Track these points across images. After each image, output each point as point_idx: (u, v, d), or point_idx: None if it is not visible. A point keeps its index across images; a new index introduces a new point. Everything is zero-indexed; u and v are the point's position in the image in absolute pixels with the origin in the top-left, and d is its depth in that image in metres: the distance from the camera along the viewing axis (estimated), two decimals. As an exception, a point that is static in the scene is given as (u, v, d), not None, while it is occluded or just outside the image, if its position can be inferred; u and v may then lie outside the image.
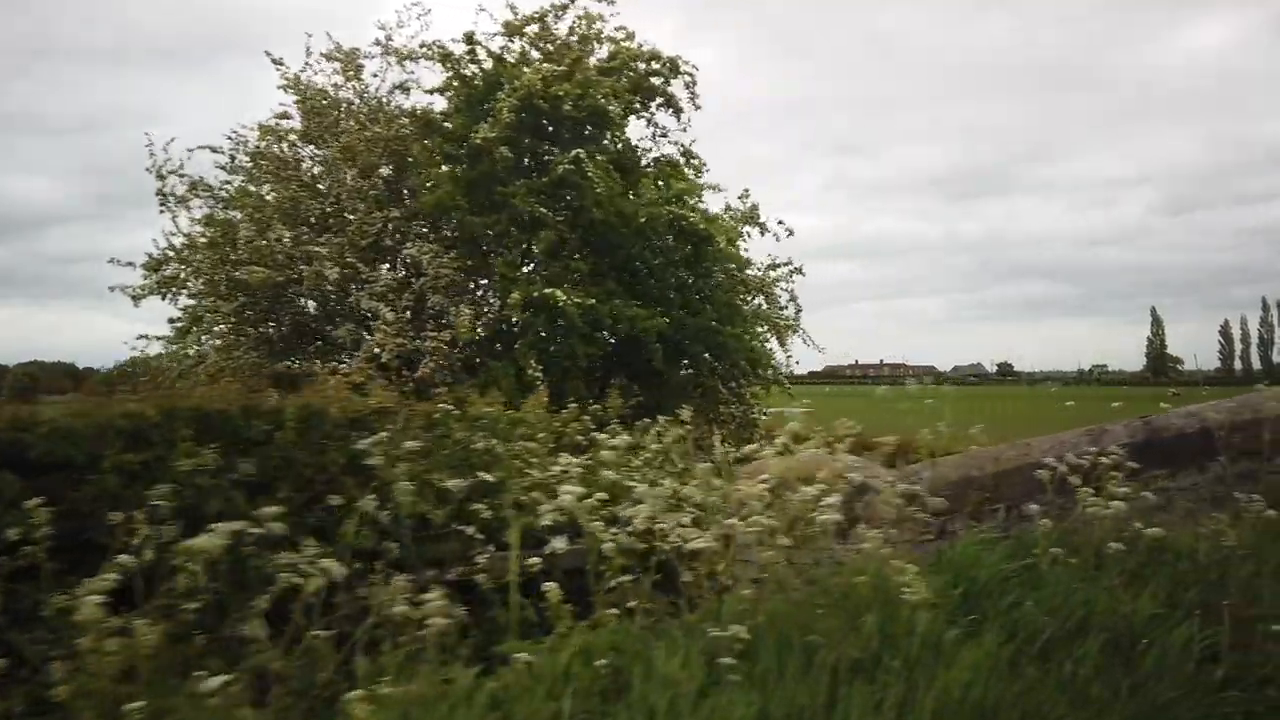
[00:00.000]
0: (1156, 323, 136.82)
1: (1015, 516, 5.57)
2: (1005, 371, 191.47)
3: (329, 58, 11.73)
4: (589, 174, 9.83)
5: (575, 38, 11.04)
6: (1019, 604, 4.46)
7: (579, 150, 9.89)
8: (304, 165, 11.09)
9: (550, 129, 10.65)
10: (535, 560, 3.66)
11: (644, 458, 5.19)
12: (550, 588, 3.42)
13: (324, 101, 11.10)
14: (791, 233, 13.64)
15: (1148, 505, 5.87)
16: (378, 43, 11.58)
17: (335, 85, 11.78)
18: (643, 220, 9.84)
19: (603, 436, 5.13)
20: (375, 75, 11.81)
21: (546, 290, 9.44)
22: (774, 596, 3.73)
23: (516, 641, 3.27)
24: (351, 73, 11.72)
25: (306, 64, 11.30)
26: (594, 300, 9.53)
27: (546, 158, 10.54)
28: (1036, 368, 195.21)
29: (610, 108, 10.37)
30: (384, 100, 11.90)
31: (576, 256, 10.30)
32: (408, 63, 11.51)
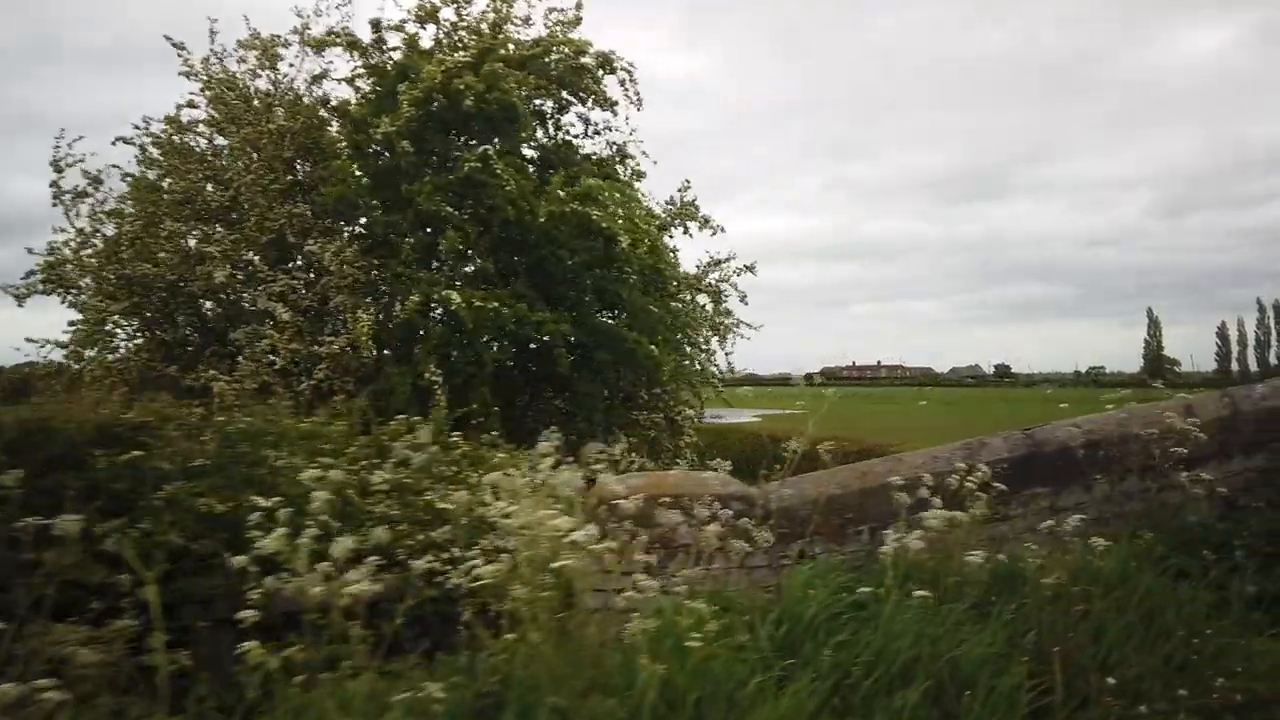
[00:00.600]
0: (1154, 324, 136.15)
1: (880, 539, 5.08)
2: (1003, 373, 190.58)
3: (246, 46, 11.24)
4: (498, 172, 9.33)
5: (487, 25, 10.53)
6: (847, 644, 3.98)
7: (487, 147, 9.39)
8: (211, 157, 10.59)
9: (459, 123, 10.14)
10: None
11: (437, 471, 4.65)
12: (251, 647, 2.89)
13: (230, 90, 10.60)
14: (723, 229, 13.17)
15: (1016, 529, 5.40)
16: (295, 30, 11.09)
17: (252, 74, 11.30)
18: (542, 220, 9.32)
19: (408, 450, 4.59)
20: (292, 65, 11.31)
21: (444, 292, 8.94)
22: (523, 648, 3.23)
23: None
24: (268, 62, 11.23)
25: (211, 51, 10.80)
26: (495, 303, 9.02)
27: (456, 153, 10.04)
28: (1035, 369, 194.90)
29: (518, 102, 9.85)
30: (302, 91, 11.43)
31: (484, 258, 9.79)
32: (326, 52, 11.01)
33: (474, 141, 10.14)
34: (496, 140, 10.18)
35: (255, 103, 10.73)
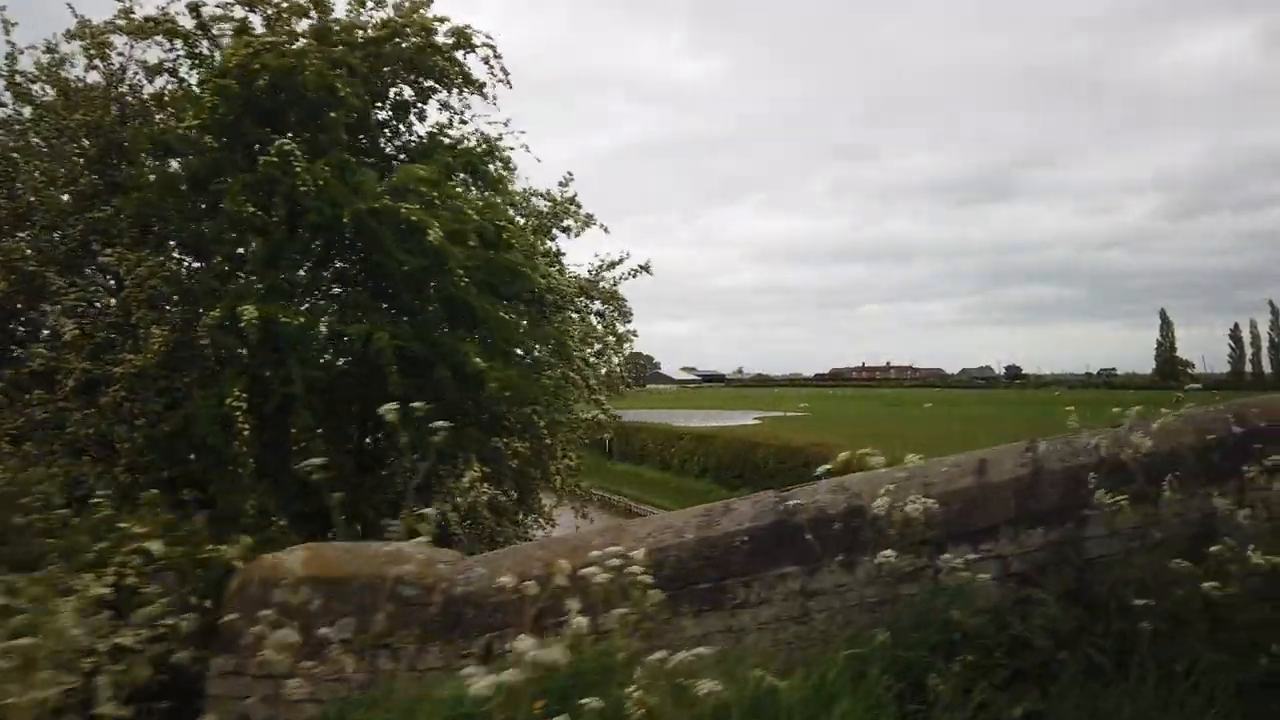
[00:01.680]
0: (1166, 326, 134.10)
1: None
2: (1013, 375, 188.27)
3: (73, 36, 10.23)
4: (298, 168, 8.26)
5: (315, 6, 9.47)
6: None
7: (284, 141, 8.31)
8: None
9: (275, 115, 9.07)
10: None
11: None
12: None
13: (29, 83, 9.60)
14: (606, 229, 12.11)
15: (756, 620, 4.29)
16: (122, 14, 10.06)
17: (86, 67, 10.29)
18: (347, 219, 8.24)
19: None
20: (121, 55, 10.28)
21: (241, 306, 7.88)
22: None
23: None
24: (94, 52, 10.21)
25: (6, 39, 9.79)
26: (301, 317, 7.96)
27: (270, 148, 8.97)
28: (1047, 370, 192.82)
29: (341, 87, 8.78)
30: (141, 84, 10.42)
31: (294, 266, 8.74)
32: (153, 40, 9.97)
33: (293, 135, 9.08)
34: (324, 133, 9.12)
35: (67, 98, 9.72)
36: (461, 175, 10.79)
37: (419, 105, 10.96)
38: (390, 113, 10.90)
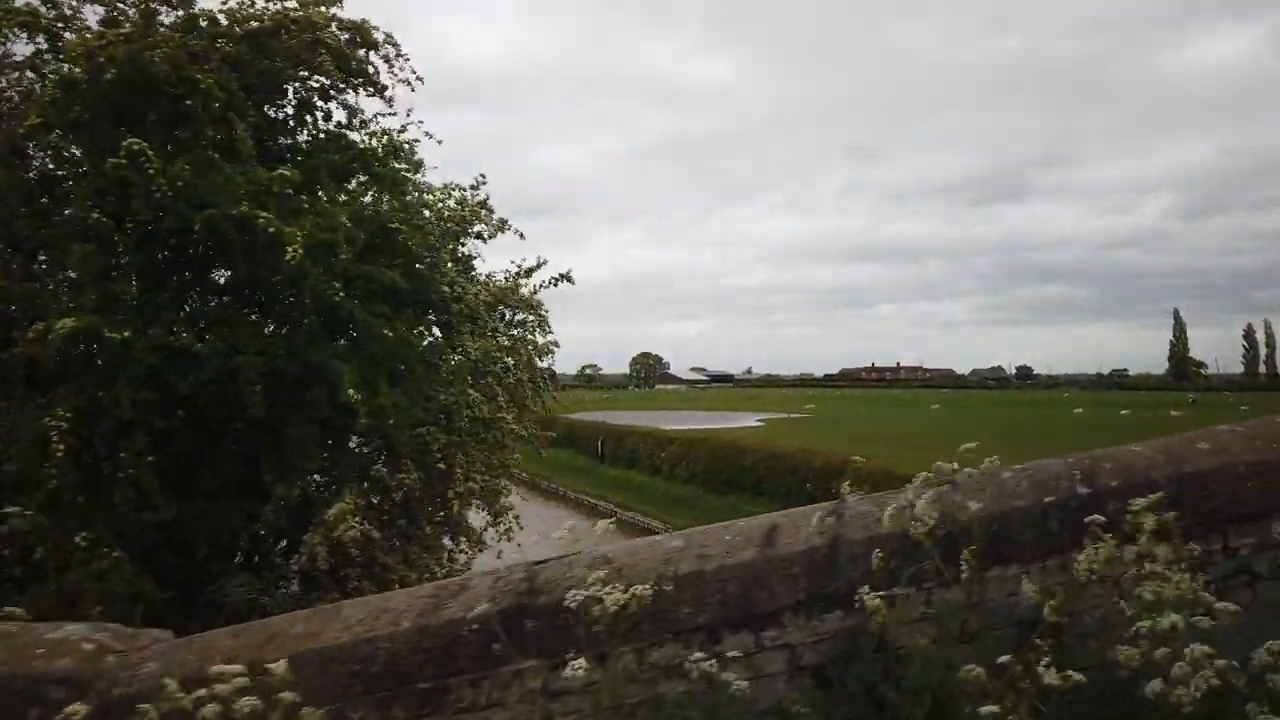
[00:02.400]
0: (1179, 326, 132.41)
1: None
2: (1025, 375, 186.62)
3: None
4: (150, 169, 7.56)
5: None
6: None
7: (134, 141, 7.60)
8: None
9: (135, 115, 8.37)
10: None
11: None
12: None
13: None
14: (521, 235, 11.37)
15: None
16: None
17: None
18: (198, 226, 7.54)
19: None
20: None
21: (60, 321, 7.18)
22: None
23: None
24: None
25: None
26: (125, 331, 7.25)
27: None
28: (1060, 371, 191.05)
29: (212, 86, 8.08)
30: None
31: (132, 274, 8.04)
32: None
33: (157, 134, 8.38)
34: (185, 130, 8.42)
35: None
36: (362, 178, 10.10)
37: (323, 104, 10.29)
38: (293, 111, 10.22)
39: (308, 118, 10.23)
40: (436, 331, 10.23)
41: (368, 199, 9.96)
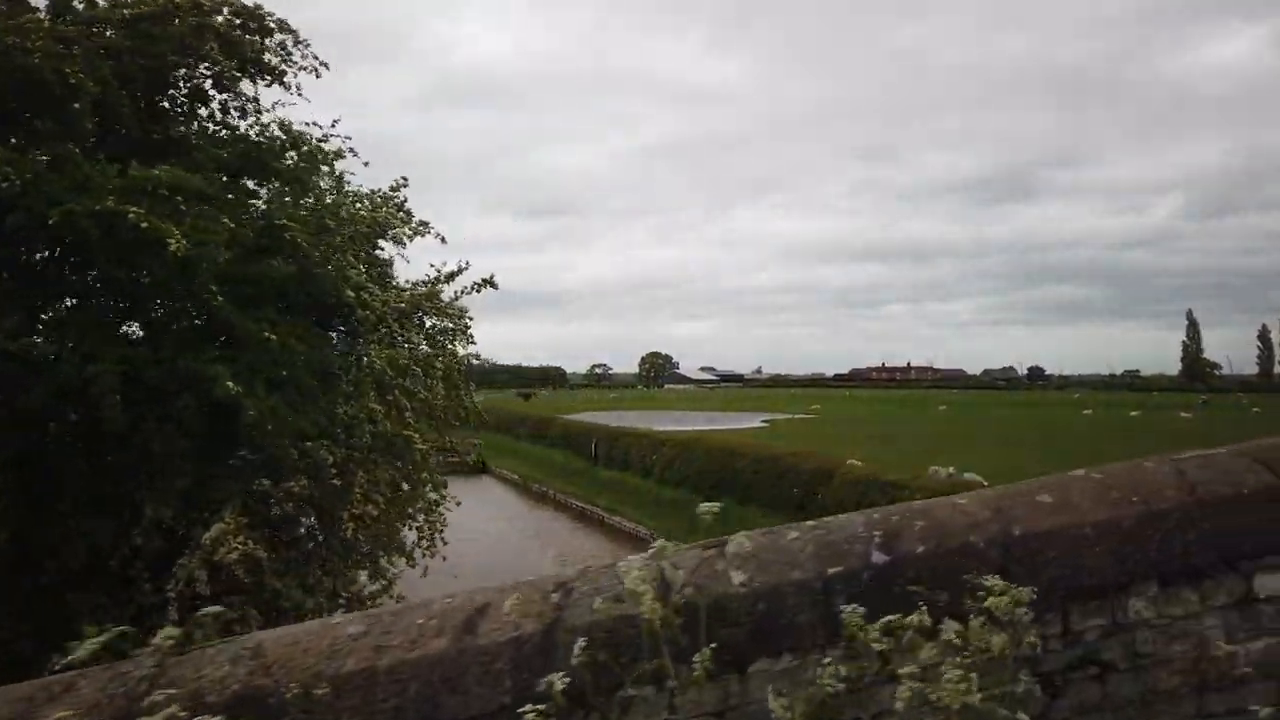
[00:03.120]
0: (1192, 326, 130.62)
1: None
2: (1036, 375, 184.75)
3: None
4: (-2, 163, 6.96)
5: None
6: None
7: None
8: None
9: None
10: None
11: None
12: None
13: None
14: (443, 239, 10.73)
15: None
16: None
17: None
18: (53, 222, 6.93)
19: None
20: None
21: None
22: None
23: None
24: None
25: None
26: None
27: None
28: (1072, 371, 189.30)
29: (69, 69, 7.48)
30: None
31: None
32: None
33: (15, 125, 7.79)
34: (43, 121, 7.81)
35: None
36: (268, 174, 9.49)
37: (219, 95, 9.69)
38: (185, 102, 9.62)
39: (203, 110, 9.65)
40: (345, 340, 9.60)
41: (264, 195, 9.33)
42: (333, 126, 10.58)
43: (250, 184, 9.35)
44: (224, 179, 8.79)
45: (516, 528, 36.51)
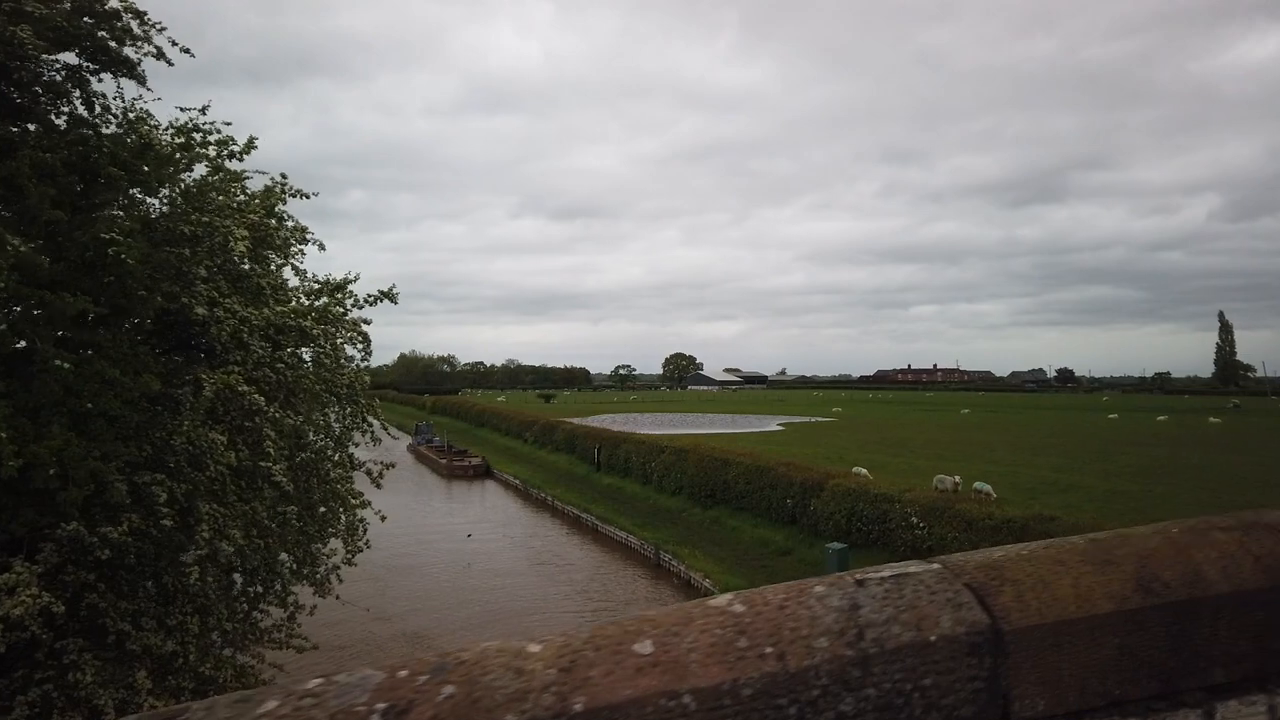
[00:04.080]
0: (1225, 329, 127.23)
1: None
2: (1065, 378, 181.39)
3: None
4: None
5: None
6: None
7: None
8: None
9: None
10: None
11: None
12: None
13: None
14: (322, 246, 9.93)
15: None
16: None
17: None
18: None
19: None
20: None
21: None
22: None
23: None
24: None
25: None
26: None
27: None
28: (1103, 373, 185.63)
29: None
30: None
31: None
32: None
33: None
34: None
35: None
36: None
37: (74, 88, 8.96)
38: (25, 99, 8.88)
39: (66, 108, 8.93)
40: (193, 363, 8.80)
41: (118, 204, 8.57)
42: (202, 113, 9.83)
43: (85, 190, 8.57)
44: (53, 192, 8.02)
45: (503, 534, 35.76)
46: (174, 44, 9.07)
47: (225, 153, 10.31)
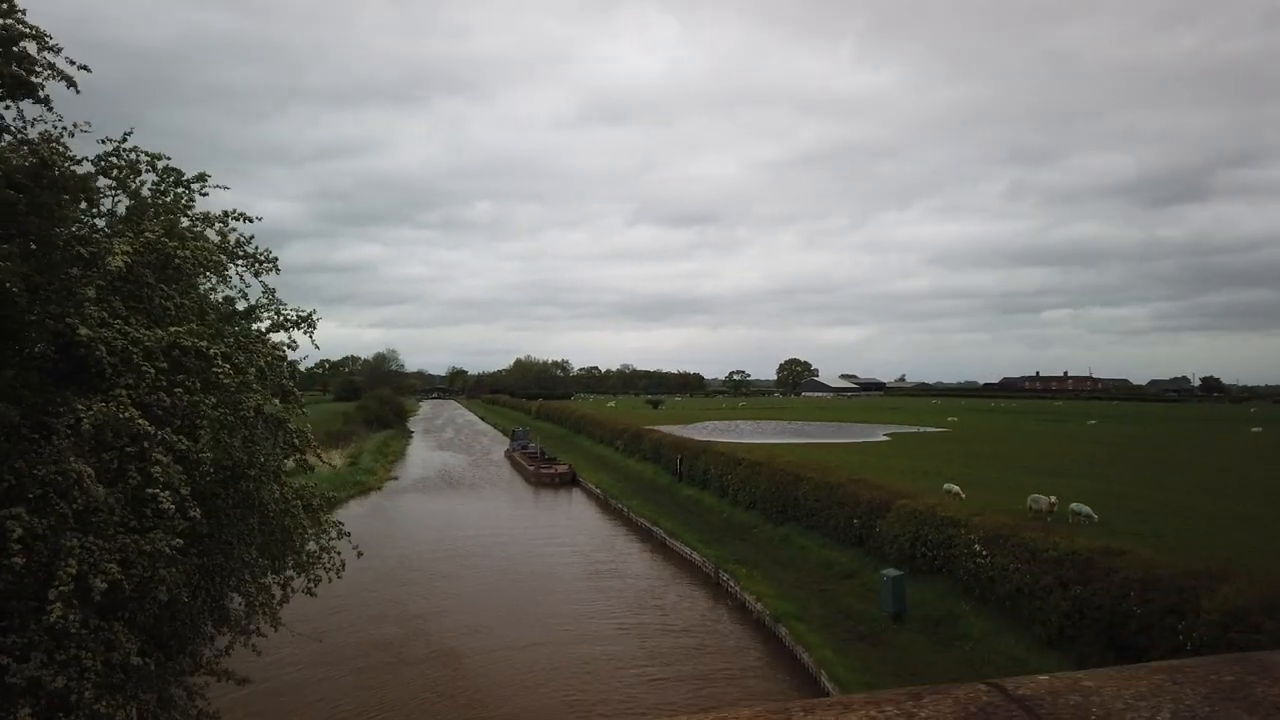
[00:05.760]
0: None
1: None
2: (1211, 387, 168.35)
3: None
4: None
5: None
6: None
7: None
8: None
9: None
10: None
11: None
12: None
13: None
14: (276, 267, 9.55)
15: None
16: None
17: None
18: None
19: None
20: None
21: None
22: None
23: None
24: None
25: None
26: None
27: None
28: (1255, 381, 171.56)
29: None
30: None
31: None
32: None
33: None
34: None
35: None
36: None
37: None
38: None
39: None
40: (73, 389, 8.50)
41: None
42: (124, 140, 9.66)
43: None
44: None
45: (570, 547, 35.29)
46: (73, 63, 8.86)
47: (170, 182, 10.14)
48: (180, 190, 10.45)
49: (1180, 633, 14.79)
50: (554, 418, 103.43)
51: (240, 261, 10.66)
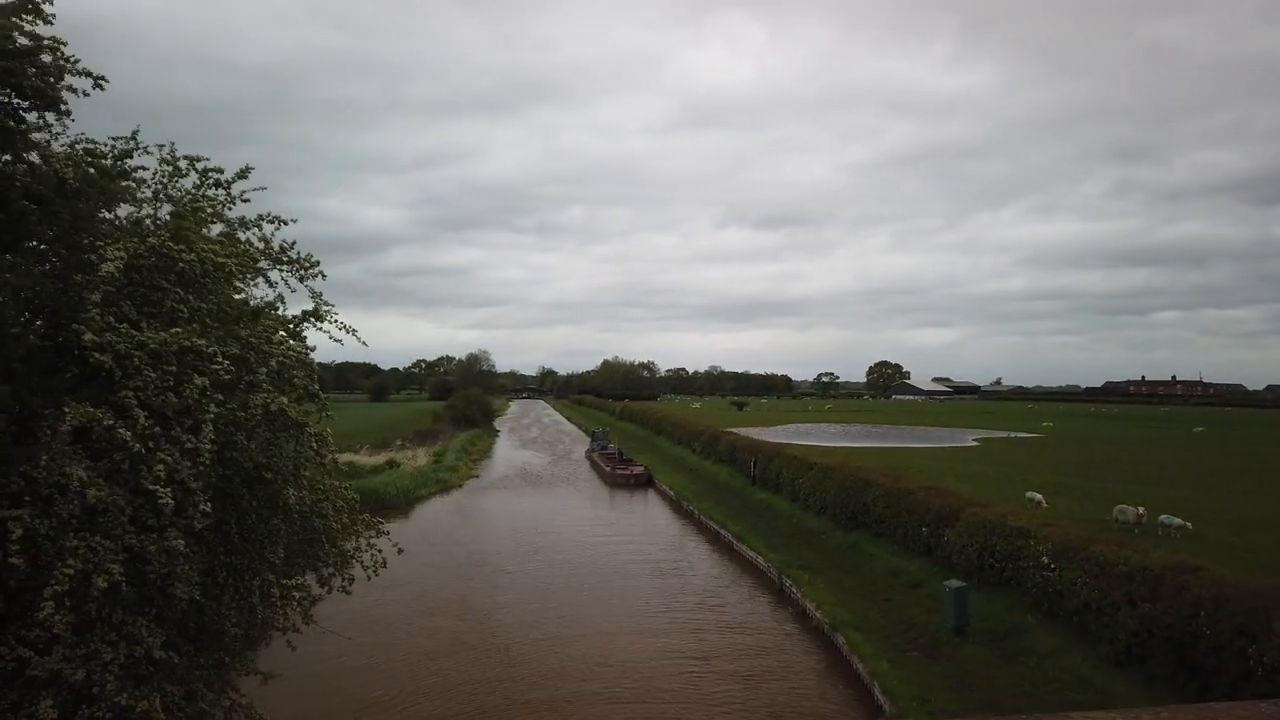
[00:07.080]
0: None
1: None
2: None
3: None
4: None
5: None
6: None
7: None
8: None
9: None
10: None
11: None
12: None
13: None
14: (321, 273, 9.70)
15: None
16: None
17: None
18: None
19: None
20: None
21: None
22: None
23: None
24: None
25: None
26: None
27: None
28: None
29: None
30: None
31: None
32: None
33: None
34: None
35: None
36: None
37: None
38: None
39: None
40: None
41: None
42: (132, 139, 9.92)
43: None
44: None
45: (636, 549, 35.20)
46: (88, 75, 9.14)
47: (210, 184, 10.38)
48: (216, 191, 10.67)
49: (1250, 656, 13.75)
50: (636, 418, 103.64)
51: (284, 266, 10.84)
